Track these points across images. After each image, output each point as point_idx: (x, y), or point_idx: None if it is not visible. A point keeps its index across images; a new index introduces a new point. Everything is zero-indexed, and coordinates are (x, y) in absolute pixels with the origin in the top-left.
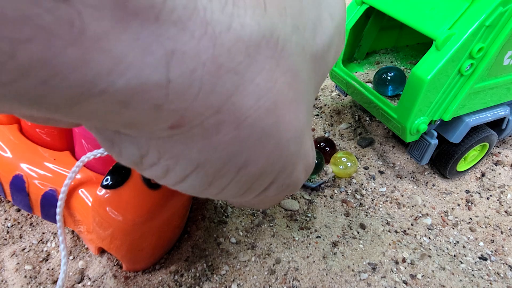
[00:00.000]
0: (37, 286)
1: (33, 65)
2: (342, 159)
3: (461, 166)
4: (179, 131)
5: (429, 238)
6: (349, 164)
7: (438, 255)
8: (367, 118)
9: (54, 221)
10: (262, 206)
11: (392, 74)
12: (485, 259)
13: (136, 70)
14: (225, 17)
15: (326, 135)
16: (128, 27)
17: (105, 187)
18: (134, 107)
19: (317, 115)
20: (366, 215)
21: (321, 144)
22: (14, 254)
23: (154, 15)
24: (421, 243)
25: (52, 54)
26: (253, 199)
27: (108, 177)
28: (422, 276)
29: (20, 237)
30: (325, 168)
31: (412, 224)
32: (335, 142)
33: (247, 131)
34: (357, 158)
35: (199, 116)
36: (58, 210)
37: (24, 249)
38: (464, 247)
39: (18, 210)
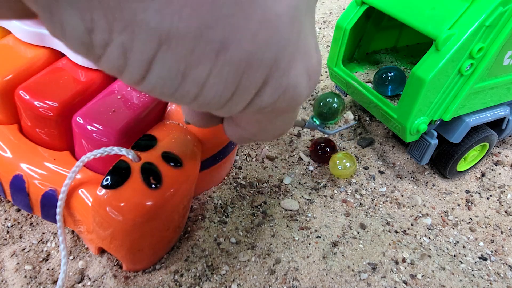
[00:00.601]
0: (37, 286)
1: None
2: (342, 160)
3: (461, 166)
4: None
5: (429, 238)
6: (348, 164)
7: (438, 255)
8: (367, 118)
9: (54, 221)
10: (265, 135)
11: (392, 74)
12: (485, 259)
13: None
14: None
15: (326, 135)
16: None
17: (105, 187)
18: None
19: None
20: (366, 215)
21: (321, 144)
22: (14, 254)
23: None
24: (421, 243)
25: None
26: (251, 120)
27: (108, 177)
28: (422, 276)
29: (20, 237)
30: (344, 115)
31: (412, 224)
32: (335, 142)
33: None
34: (357, 158)
35: None
36: (58, 210)
37: (24, 249)
38: (464, 247)
39: (18, 210)
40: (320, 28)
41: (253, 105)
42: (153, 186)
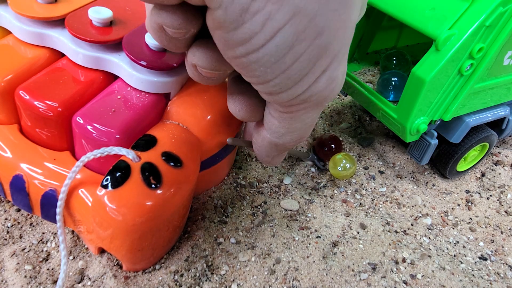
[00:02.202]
0: (37, 286)
1: None
2: (342, 160)
3: (461, 166)
4: None
5: (429, 238)
6: (348, 165)
7: (438, 255)
8: (367, 118)
9: (54, 221)
10: (290, 136)
11: (396, 79)
12: (485, 259)
13: None
14: None
15: None
16: None
17: (105, 187)
18: None
19: None
20: (366, 215)
21: (329, 142)
22: (14, 254)
23: None
24: (421, 243)
25: None
26: (286, 117)
27: (108, 177)
28: (422, 276)
29: (20, 237)
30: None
31: (412, 224)
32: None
33: None
34: (358, 157)
35: None
36: (58, 210)
37: (24, 249)
38: (464, 247)
39: (18, 210)
40: None
41: (308, 91)
42: (153, 186)
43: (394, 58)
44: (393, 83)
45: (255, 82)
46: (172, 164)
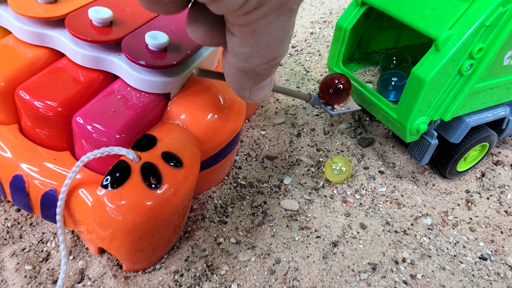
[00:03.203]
0: (37, 286)
1: None
2: (338, 163)
3: (461, 166)
4: None
5: (429, 238)
6: (344, 169)
7: (438, 255)
8: (367, 118)
9: (54, 221)
10: (259, 57)
11: (396, 79)
12: (485, 259)
13: None
14: None
15: (326, 135)
16: None
17: (105, 187)
18: None
19: (317, 115)
20: (366, 215)
21: (335, 81)
22: (14, 254)
23: None
24: (421, 243)
25: None
26: (247, 30)
27: (108, 177)
28: (422, 276)
29: (20, 237)
30: (350, 101)
31: (412, 224)
32: (335, 142)
33: None
34: (358, 158)
35: None
36: (58, 210)
37: (24, 249)
38: (464, 247)
39: (18, 210)
40: (320, 28)
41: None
42: (153, 186)
43: (394, 58)
44: (393, 83)
45: None
46: (172, 164)
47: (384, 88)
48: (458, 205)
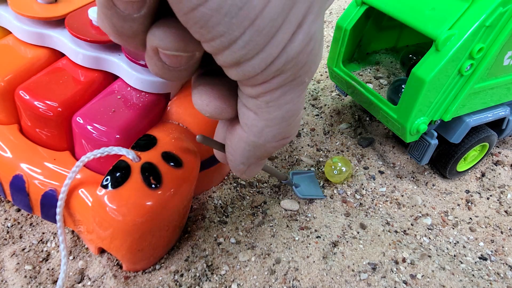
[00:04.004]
0: (37, 286)
1: None
2: (338, 164)
3: (461, 166)
4: None
5: (429, 238)
6: (344, 169)
7: (438, 255)
8: (367, 118)
9: (54, 221)
10: (271, 133)
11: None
12: (485, 259)
13: None
14: None
15: (326, 135)
16: None
17: (105, 187)
18: None
19: (317, 115)
20: (366, 215)
21: None
22: (14, 254)
23: None
24: (421, 243)
25: None
26: (261, 105)
27: (108, 177)
28: (422, 276)
29: (20, 237)
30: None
31: (412, 224)
32: (335, 142)
33: None
34: (358, 158)
35: None
36: (58, 210)
37: (24, 249)
38: (464, 247)
39: (18, 210)
40: None
41: (283, 54)
42: (153, 186)
43: (412, 55)
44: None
45: (220, 46)
46: (172, 164)
47: (395, 95)
48: (458, 205)
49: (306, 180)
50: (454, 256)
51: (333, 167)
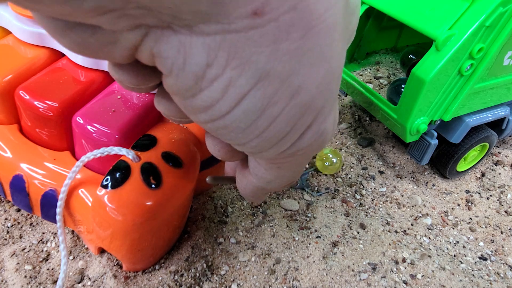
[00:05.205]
0: (37, 286)
1: None
2: (328, 155)
3: (461, 166)
4: (257, 22)
5: (429, 238)
6: (334, 160)
7: (438, 255)
8: (367, 118)
9: (54, 221)
10: (278, 182)
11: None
12: (485, 259)
13: None
14: None
15: None
16: None
17: (105, 187)
18: None
19: None
20: (366, 215)
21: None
22: (14, 254)
23: None
24: (421, 243)
25: None
26: (273, 166)
27: (108, 177)
28: (422, 276)
29: (20, 237)
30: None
31: (412, 224)
32: (335, 142)
33: (310, 43)
34: (358, 158)
35: (278, 7)
36: (58, 210)
37: (24, 249)
38: (464, 247)
39: (18, 210)
40: None
41: (292, 147)
42: (153, 186)
43: (412, 55)
44: (403, 89)
45: (230, 143)
46: (172, 164)
47: (395, 95)
48: (458, 205)
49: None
50: (454, 256)
51: (324, 158)
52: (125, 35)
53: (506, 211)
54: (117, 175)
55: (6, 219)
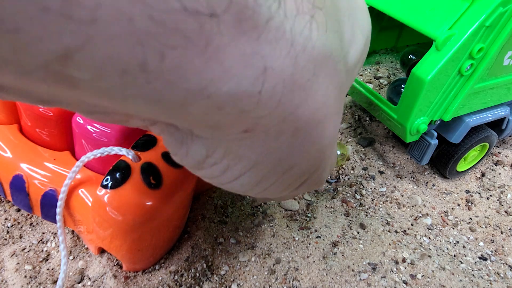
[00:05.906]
0: (37, 286)
1: (170, 69)
2: None
3: (461, 166)
4: (249, 135)
5: (429, 238)
6: (338, 152)
7: (438, 255)
8: (367, 118)
9: (54, 221)
10: (283, 199)
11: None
12: (485, 259)
13: (238, 79)
14: (302, 39)
15: None
16: (238, 43)
17: (105, 187)
18: (226, 111)
19: None
20: (366, 215)
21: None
22: (14, 254)
23: (257, 34)
24: (421, 243)
25: (186, 61)
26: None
27: (108, 177)
28: (422, 276)
29: (20, 237)
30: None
31: (412, 224)
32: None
33: (300, 140)
34: (358, 158)
35: (269, 123)
36: (58, 210)
37: (24, 249)
38: (464, 247)
39: (18, 210)
40: None
41: (288, 195)
42: (153, 186)
43: (411, 55)
44: (403, 89)
45: None
46: (172, 164)
47: (395, 95)
48: (458, 205)
49: None
50: (454, 256)
51: None
52: (135, 121)
53: (506, 211)
54: (117, 175)
55: (6, 219)
